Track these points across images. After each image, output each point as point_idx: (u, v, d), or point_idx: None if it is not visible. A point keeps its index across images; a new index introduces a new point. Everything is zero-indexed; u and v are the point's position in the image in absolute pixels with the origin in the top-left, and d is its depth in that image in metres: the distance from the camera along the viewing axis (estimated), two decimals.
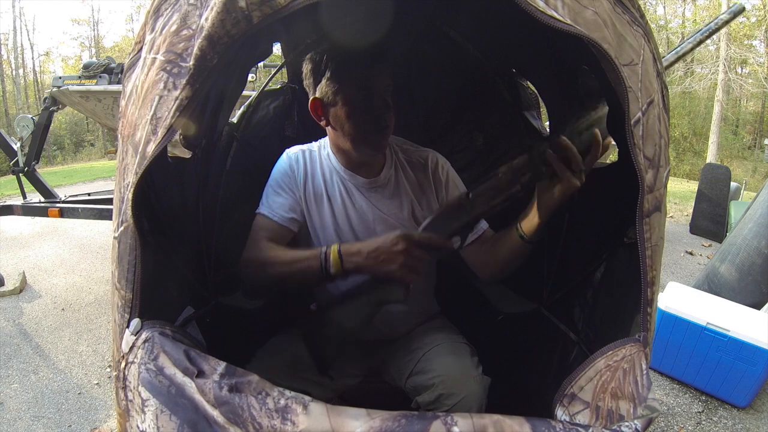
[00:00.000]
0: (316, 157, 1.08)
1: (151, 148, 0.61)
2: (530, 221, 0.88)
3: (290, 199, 1.04)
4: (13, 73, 17.81)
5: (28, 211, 2.86)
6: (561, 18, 0.55)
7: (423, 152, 1.13)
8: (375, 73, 0.93)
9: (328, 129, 1.01)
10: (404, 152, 1.12)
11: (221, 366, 0.58)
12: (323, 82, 0.95)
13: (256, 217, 1.03)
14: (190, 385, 0.56)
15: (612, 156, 1.10)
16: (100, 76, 3.29)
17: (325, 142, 1.09)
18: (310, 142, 1.13)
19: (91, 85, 3.26)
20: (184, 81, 0.59)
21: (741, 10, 1.92)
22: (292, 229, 1.04)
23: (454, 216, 0.85)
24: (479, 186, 0.83)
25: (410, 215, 1.07)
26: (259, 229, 1.01)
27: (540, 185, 0.83)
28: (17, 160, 3.04)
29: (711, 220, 4.28)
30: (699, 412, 1.90)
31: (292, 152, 1.09)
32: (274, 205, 1.03)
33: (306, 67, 0.99)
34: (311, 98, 0.98)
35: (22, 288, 2.96)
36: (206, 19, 0.57)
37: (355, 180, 1.05)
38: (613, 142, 0.79)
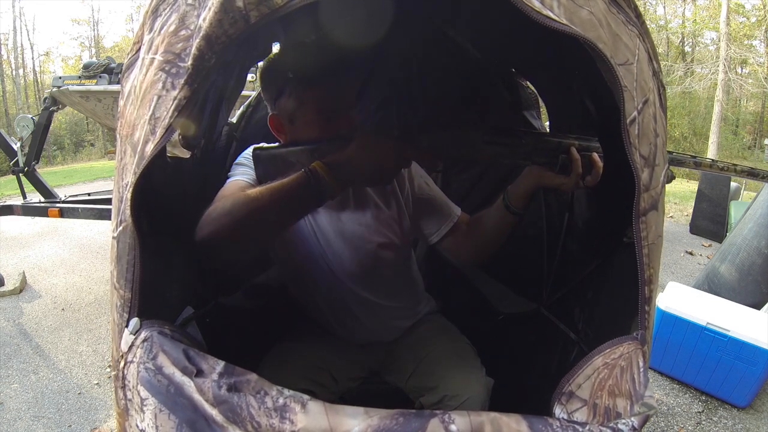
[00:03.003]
0: None
1: (149, 147, 0.61)
2: (519, 194, 0.89)
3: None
4: (13, 73, 17.82)
5: (28, 211, 2.86)
6: (557, 18, 0.55)
7: None
8: (338, 93, 0.87)
9: None
10: None
11: (220, 365, 0.58)
12: (282, 99, 0.89)
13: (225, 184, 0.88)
14: (188, 384, 0.56)
15: None
16: (100, 76, 3.30)
17: None
18: None
19: (91, 85, 3.27)
20: (182, 81, 0.59)
21: None
22: None
23: (458, 142, 0.81)
24: (499, 136, 0.81)
25: (374, 217, 1.03)
26: (229, 189, 0.84)
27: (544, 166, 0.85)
28: (17, 160, 3.04)
29: (711, 220, 4.28)
30: (699, 412, 1.90)
31: (247, 152, 0.96)
32: (246, 176, 0.89)
33: (261, 81, 0.93)
34: (270, 114, 0.92)
35: (22, 288, 2.97)
36: (204, 19, 0.57)
37: None
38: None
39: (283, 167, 0.77)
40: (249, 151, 0.94)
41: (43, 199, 3.12)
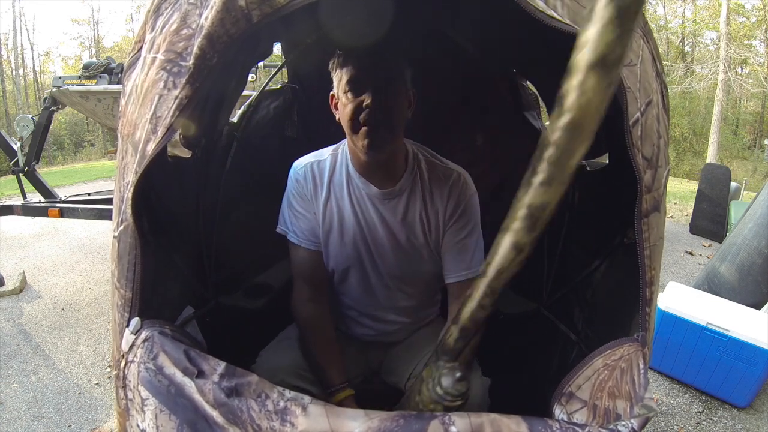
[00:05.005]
0: (326, 165, 1.03)
1: (150, 147, 0.61)
2: None
3: (310, 221, 1.03)
4: (13, 73, 17.82)
5: (28, 211, 2.85)
6: (560, 18, 0.55)
7: (450, 168, 1.05)
8: (357, 74, 0.90)
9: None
10: (428, 163, 1.04)
11: (221, 366, 0.58)
12: (335, 78, 0.95)
13: (288, 241, 1.06)
14: (189, 385, 0.56)
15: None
16: (100, 76, 3.29)
17: (344, 144, 1.05)
18: (310, 141, 1.13)
19: (91, 85, 3.26)
20: (183, 80, 0.59)
21: None
22: (321, 249, 1.06)
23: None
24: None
25: (422, 230, 1.03)
26: (295, 263, 1.06)
27: None
28: (17, 160, 3.03)
29: (711, 220, 4.27)
30: (699, 412, 1.89)
31: (299, 166, 1.04)
32: (298, 230, 1.04)
33: (331, 62, 0.98)
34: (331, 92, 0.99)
35: (22, 288, 2.96)
36: (206, 18, 0.57)
37: (369, 189, 1.00)
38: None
39: None
40: (293, 176, 1.04)
41: (43, 199, 3.11)
